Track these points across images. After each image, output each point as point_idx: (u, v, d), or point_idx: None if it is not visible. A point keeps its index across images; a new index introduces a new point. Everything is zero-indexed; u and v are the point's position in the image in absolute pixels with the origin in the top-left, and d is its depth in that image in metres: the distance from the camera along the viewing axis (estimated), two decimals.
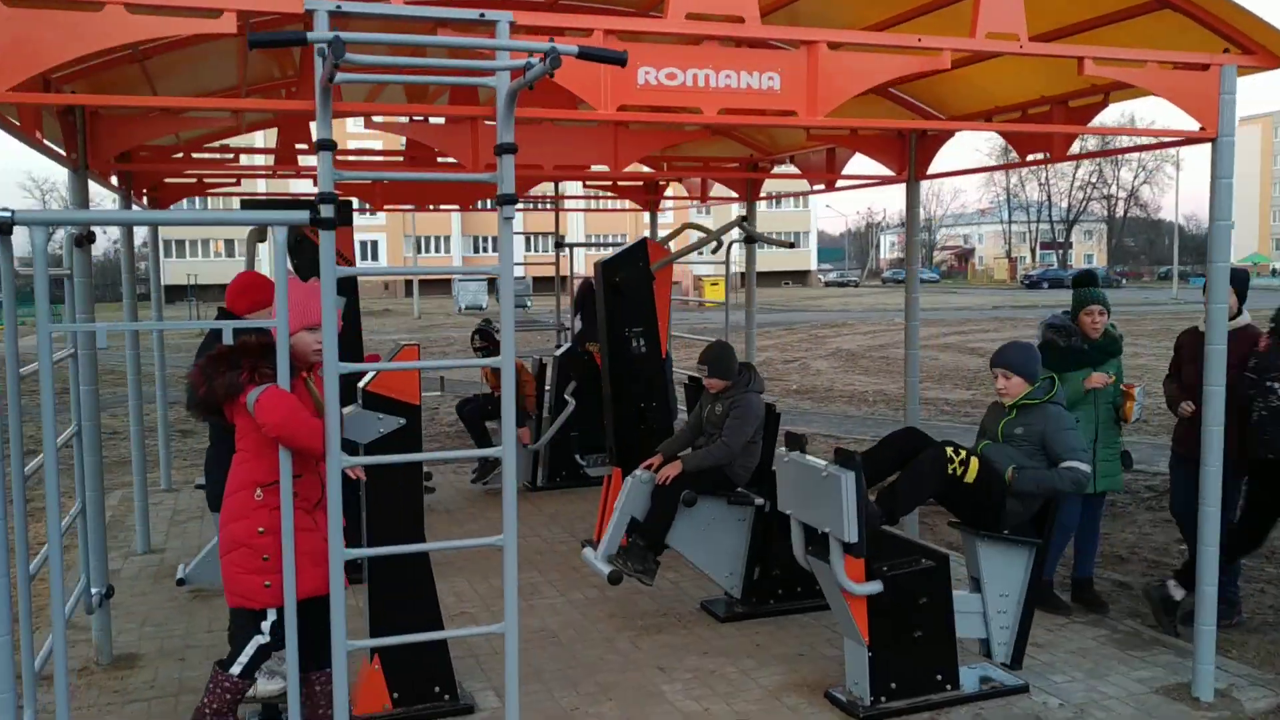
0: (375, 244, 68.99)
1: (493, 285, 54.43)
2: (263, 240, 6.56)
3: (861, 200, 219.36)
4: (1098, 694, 5.04)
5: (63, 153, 5.37)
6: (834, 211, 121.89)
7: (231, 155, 8.35)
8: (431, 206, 10.61)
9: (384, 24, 4.50)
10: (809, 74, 4.10)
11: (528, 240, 49.61)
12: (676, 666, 5.44)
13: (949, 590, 4.94)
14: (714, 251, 8.99)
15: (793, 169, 8.51)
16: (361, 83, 4.47)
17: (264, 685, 4.60)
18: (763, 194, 9.20)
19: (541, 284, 41.26)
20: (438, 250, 70.21)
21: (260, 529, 3.70)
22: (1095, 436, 6.00)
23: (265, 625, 3.79)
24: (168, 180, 9.09)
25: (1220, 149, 4.70)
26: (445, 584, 6.86)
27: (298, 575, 3.66)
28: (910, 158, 6.88)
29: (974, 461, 4.85)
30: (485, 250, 71.27)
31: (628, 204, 11.41)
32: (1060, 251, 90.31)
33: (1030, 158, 6.06)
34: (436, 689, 4.92)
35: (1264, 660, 5.52)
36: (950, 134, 6.87)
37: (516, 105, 3.50)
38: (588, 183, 10.93)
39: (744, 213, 8.99)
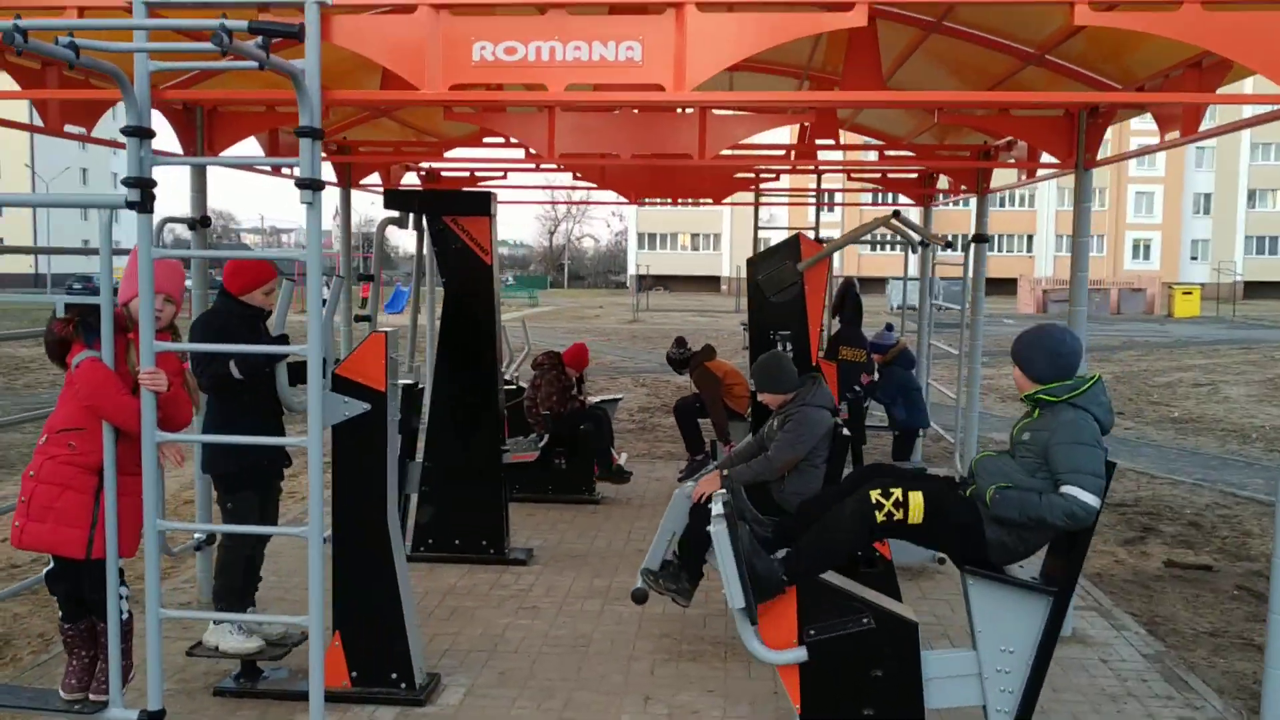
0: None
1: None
2: (400, 225, 6.92)
3: None
4: None
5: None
6: None
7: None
8: (684, 200, 10.53)
9: None
10: (677, 41, 3.54)
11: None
12: (664, 700, 4.98)
13: (915, 665, 4.03)
14: (915, 251, 8.05)
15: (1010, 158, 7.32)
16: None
17: (237, 643, 4.91)
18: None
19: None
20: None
21: (31, 472, 3.88)
22: None
23: (44, 570, 4.00)
24: (439, 169, 9.80)
25: None
26: (552, 577, 6.87)
27: (45, 529, 3.81)
28: (1079, 140, 5.64)
29: (915, 499, 3.90)
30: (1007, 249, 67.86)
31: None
32: None
33: (1168, 137, 4.70)
34: (394, 675, 4.94)
35: None
36: (1125, 108, 5.54)
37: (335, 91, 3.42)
38: (853, 175, 10.23)
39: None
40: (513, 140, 7.42)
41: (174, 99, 5.88)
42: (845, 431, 5.54)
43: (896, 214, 6.69)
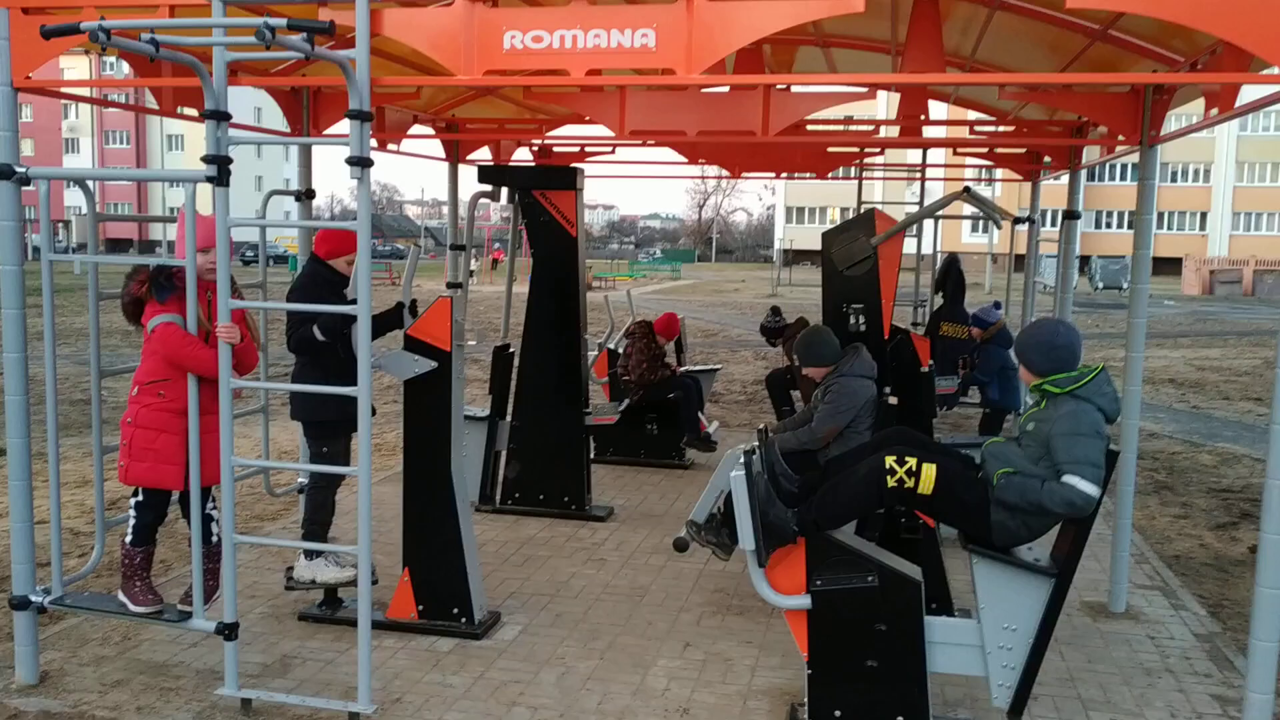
0: None
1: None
2: (492, 199, 7.37)
3: None
4: None
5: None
6: None
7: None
8: (788, 174, 10.66)
9: None
10: (687, 28, 3.81)
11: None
12: (702, 648, 5.31)
13: (918, 620, 4.22)
14: (998, 227, 8.02)
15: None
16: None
17: (323, 573, 5.47)
18: None
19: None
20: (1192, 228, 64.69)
21: (129, 419, 4.47)
22: None
23: (133, 501, 4.58)
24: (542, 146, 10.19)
25: None
26: (626, 533, 7.26)
27: (146, 466, 4.39)
28: (1144, 117, 5.61)
29: (928, 470, 4.07)
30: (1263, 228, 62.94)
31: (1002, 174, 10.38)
32: None
33: (1211, 113, 4.67)
34: (455, 610, 5.41)
35: None
36: (1186, 86, 5.47)
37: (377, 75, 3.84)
38: (958, 151, 10.16)
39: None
40: None
41: (283, 83, 6.47)
42: (892, 400, 5.70)
43: (967, 189, 6.72)
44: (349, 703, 4.36)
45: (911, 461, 4.11)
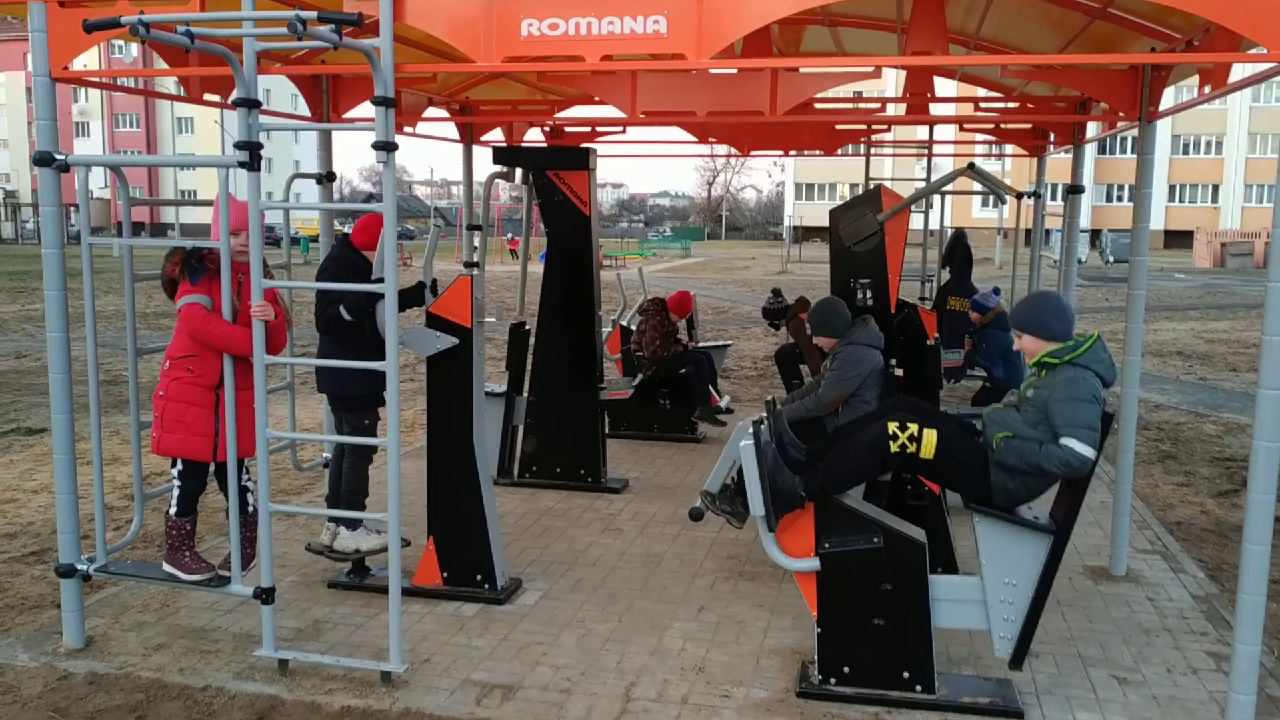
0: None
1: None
2: (507, 179, 7.55)
3: None
4: None
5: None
6: None
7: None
8: (797, 152, 10.79)
9: None
10: (697, 13, 3.98)
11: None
12: (716, 611, 5.52)
13: (922, 580, 4.42)
14: (1003, 202, 8.15)
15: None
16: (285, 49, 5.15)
17: (366, 541, 5.66)
18: None
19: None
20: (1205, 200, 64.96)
21: (161, 393, 4.68)
22: None
23: (174, 471, 4.80)
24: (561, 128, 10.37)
25: None
26: (641, 504, 7.47)
27: (177, 438, 4.61)
28: (1143, 93, 5.75)
29: (929, 436, 4.26)
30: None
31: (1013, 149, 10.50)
32: None
33: (1205, 89, 4.81)
34: (478, 577, 5.63)
35: None
36: (1184, 63, 5.60)
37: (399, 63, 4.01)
38: (964, 127, 10.29)
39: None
40: None
41: (305, 70, 6.63)
42: (898, 371, 5.87)
43: (972, 165, 6.87)
44: (381, 662, 4.59)
45: (913, 427, 4.30)
